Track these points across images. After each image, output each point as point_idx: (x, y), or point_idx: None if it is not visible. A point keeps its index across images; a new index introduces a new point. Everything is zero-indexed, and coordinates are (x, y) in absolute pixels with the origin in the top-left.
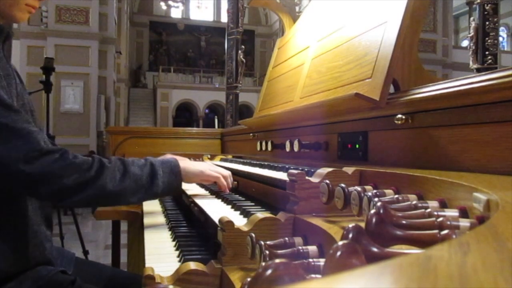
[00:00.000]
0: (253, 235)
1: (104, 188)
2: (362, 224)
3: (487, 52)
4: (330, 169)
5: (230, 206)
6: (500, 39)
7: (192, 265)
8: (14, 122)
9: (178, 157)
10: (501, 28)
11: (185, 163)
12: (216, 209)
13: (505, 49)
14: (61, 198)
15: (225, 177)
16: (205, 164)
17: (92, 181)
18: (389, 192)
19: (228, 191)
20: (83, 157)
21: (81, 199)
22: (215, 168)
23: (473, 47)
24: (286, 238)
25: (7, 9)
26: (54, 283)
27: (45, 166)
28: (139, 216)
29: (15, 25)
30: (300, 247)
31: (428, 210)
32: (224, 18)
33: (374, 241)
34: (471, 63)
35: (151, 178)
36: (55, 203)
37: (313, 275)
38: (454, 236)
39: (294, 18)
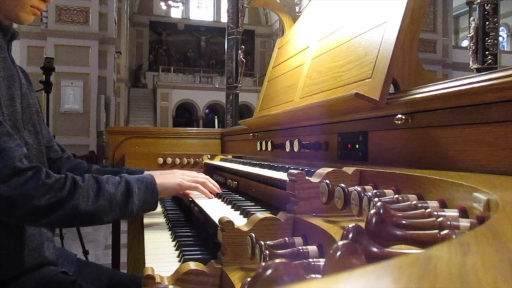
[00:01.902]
0: (253, 235)
1: (77, 208)
2: (362, 224)
3: (487, 52)
4: (330, 169)
5: (230, 206)
6: (500, 39)
7: (192, 265)
8: None
9: (155, 172)
10: (501, 28)
11: (162, 179)
12: (216, 209)
13: (505, 49)
14: (34, 220)
15: (203, 183)
16: (180, 174)
17: (64, 201)
18: (389, 192)
19: (217, 191)
20: (56, 176)
21: (54, 220)
22: (192, 177)
23: (473, 47)
24: (286, 238)
25: (12, 10)
26: (54, 284)
27: (17, 186)
28: (139, 216)
29: (14, 25)
30: (300, 247)
31: (428, 210)
32: (224, 18)
33: (374, 241)
34: (471, 63)
35: (126, 197)
36: (29, 225)
37: (313, 275)
38: (454, 236)
39: (294, 18)
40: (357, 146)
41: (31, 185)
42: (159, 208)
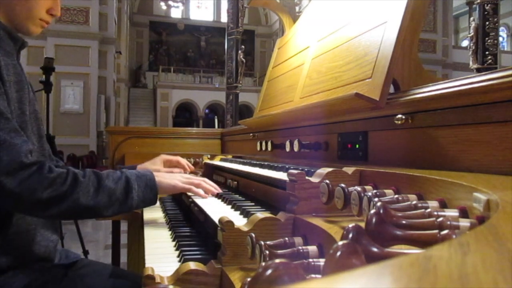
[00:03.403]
0: (253, 235)
1: (77, 202)
2: (362, 224)
3: (487, 52)
4: (330, 169)
5: (230, 206)
6: (500, 39)
7: (192, 265)
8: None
9: (156, 171)
10: (501, 28)
11: (160, 177)
12: (216, 209)
13: (505, 49)
14: (36, 212)
15: (197, 185)
16: (179, 176)
17: (65, 195)
18: (389, 192)
19: (215, 191)
20: (58, 170)
21: (55, 213)
22: (188, 179)
23: (473, 47)
24: (286, 238)
25: (22, 22)
26: (47, 276)
27: (22, 180)
28: (139, 216)
29: None
30: (300, 247)
31: (428, 210)
32: (224, 18)
33: (374, 241)
34: (471, 63)
35: (125, 192)
36: (32, 216)
37: (313, 275)
38: (454, 236)
39: (294, 18)
40: (357, 146)
41: (34, 179)
42: (159, 208)
